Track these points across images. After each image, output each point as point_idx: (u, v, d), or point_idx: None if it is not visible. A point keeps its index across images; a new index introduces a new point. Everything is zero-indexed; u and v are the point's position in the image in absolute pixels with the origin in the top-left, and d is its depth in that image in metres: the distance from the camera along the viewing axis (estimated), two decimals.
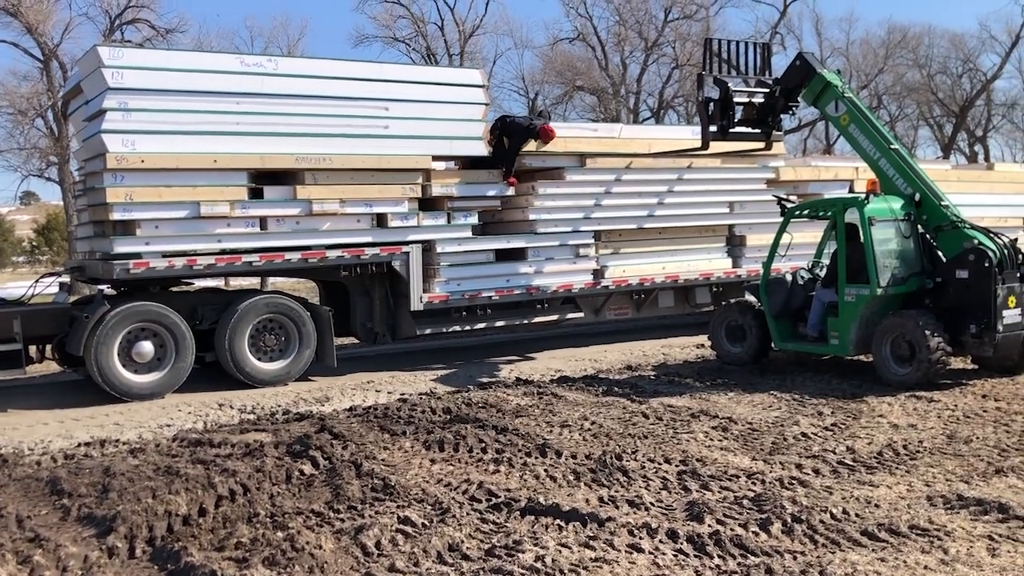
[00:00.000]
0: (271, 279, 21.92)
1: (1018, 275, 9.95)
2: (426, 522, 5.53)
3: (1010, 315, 9.78)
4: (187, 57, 11.25)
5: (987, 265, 9.75)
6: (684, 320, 15.90)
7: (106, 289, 11.38)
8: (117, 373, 10.37)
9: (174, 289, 11.84)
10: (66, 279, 12.14)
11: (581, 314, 14.02)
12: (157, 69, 10.57)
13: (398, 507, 5.83)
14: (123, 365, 10.42)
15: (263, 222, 11.15)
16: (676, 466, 6.76)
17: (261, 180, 11.22)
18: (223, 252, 10.96)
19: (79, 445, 8.14)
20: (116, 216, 10.41)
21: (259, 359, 11.20)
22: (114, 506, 5.94)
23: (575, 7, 44.36)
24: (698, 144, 12.78)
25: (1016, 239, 10.82)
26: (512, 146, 12.75)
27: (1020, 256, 10.11)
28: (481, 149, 12.46)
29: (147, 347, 10.49)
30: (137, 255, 10.50)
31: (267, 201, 11.16)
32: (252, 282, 22.76)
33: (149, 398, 10.44)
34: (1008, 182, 17.62)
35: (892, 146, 10.99)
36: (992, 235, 10.17)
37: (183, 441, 8.05)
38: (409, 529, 5.40)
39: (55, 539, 5.44)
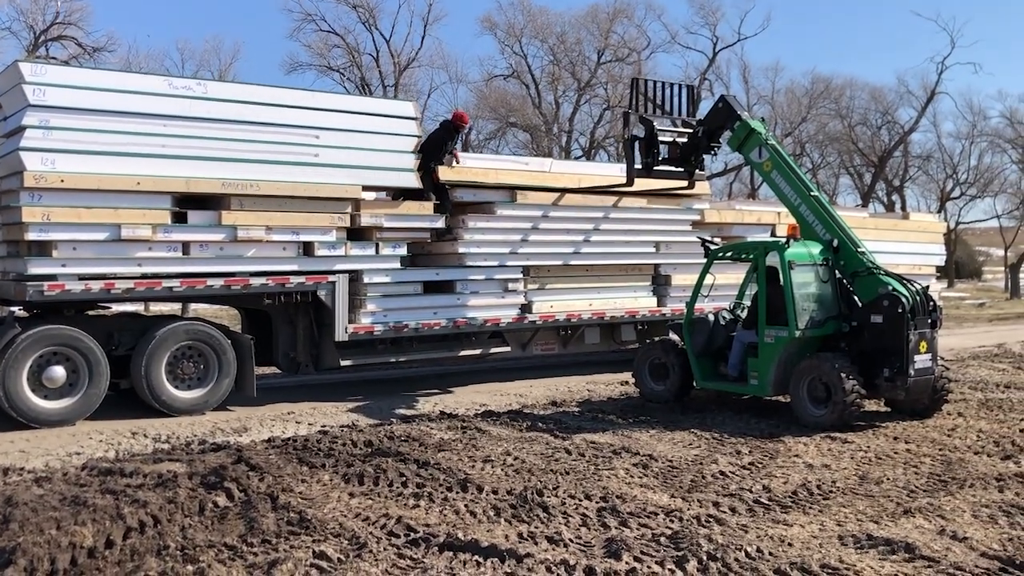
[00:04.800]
0: (192, 305, 21.45)
1: (929, 321, 10.29)
2: (342, 557, 5.44)
3: (921, 360, 10.09)
4: (113, 77, 11.03)
5: (900, 311, 10.05)
6: (609, 357, 16.03)
7: (17, 311, 11.01)
8: (25, 398, 9.99)
9: (90, 313, 11.49)
10: None
11: (508, 348, 14.05)
12: (81, 88, 10.34)
13: (314, 541, 5.72)
14: (32, 390, 10.06)
15: (186, 247, 10.92)
16: (596, 503, 6.79)
17: (186, 204, 11.01)
18: (143, 276, 10.71)
19: None
20: (32, 236, 10.09)
21: (176, 387, 10.92)
22: (15, 537, 5.70)
23: (510, 45, 45.02)
24: (624, 180, 13.02)
25: (928, 286, 11.22)
26: (435, 148, 12.83)
27: (931, 303, 10.46)
28: (412, 181, 12.43)
29: (59, 372, 10.15)
30: (52, 277, 10.17)
31: (191, 226, 10.95)
32: (173, 308, 22.25)
33: (59, 425, 10.08)
34: (922, 231, 18.36)
35: (812, 193, 11.33)
36: (906, 282, 10.49)
37: (93, 470, 7.77)
38: (324, 564, 5.30)
39: None
